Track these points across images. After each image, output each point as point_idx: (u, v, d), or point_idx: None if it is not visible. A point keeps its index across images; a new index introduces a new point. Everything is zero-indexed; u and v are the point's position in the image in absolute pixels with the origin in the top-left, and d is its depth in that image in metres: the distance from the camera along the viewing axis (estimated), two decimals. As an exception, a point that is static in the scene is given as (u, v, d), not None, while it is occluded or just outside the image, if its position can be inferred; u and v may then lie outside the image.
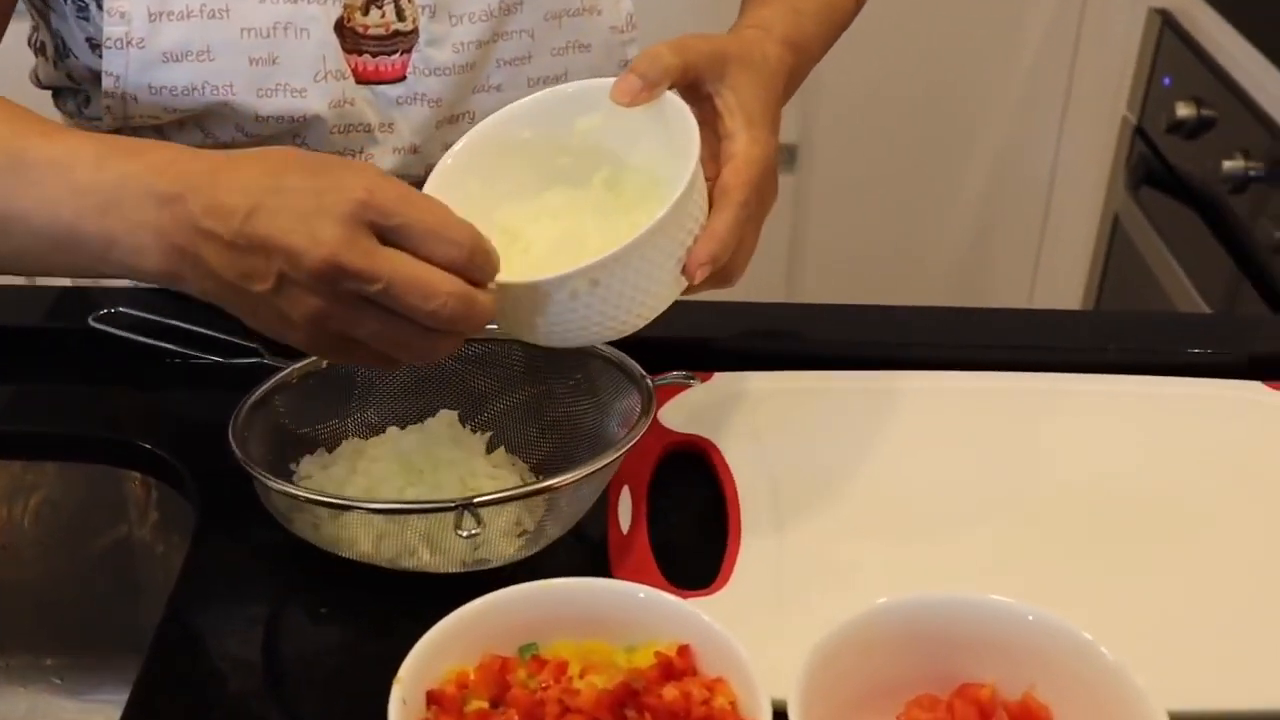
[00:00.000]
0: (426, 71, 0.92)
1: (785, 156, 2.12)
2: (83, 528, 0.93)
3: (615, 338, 0.74)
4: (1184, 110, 1.74)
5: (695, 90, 0.78)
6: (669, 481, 0.85)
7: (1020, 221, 2.25)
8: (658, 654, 0.63)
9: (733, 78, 0.77)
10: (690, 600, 0.69)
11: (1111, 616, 0.74)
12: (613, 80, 0.76)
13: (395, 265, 0.66)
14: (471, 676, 0.63)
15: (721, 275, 0.75)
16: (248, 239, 0.66)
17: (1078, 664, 0.62)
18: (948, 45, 2.10)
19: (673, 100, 0.76)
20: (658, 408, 0.81)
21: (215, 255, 0.67)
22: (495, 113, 0.79)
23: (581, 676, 0.63)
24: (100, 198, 0.69)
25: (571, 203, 0.78)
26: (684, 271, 0.73)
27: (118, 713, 0.71)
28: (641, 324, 0.73)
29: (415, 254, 0.66)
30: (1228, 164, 1.62)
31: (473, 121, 0.93)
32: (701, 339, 0.95)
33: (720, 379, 0.91)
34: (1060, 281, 2.21)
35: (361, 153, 0.92)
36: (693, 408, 0.89)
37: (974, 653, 0.64)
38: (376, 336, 0.67)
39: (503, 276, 0.70)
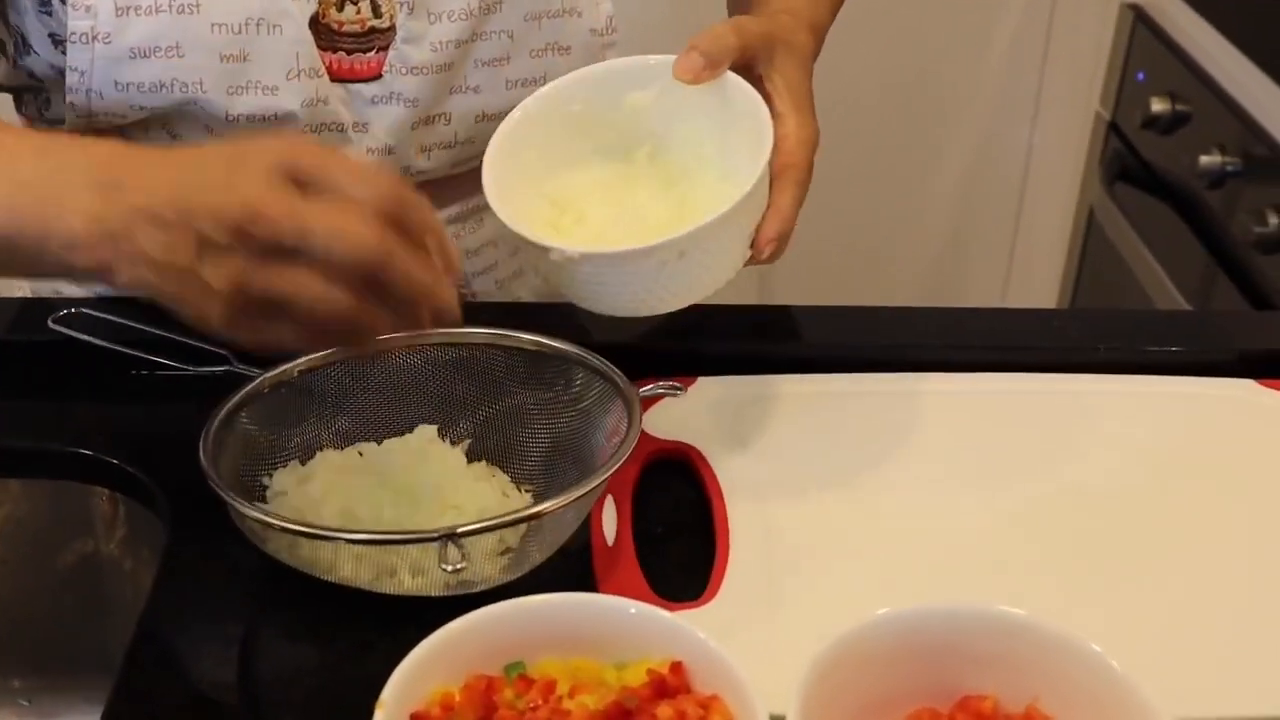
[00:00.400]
0: (403, 70, 0.89)
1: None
2: (48, 544, 0.91)
3: (678, 308, 0.77)
4: (1158, 105, 1.73)
5: (747, 72, 0.79)
6: (653, 490, 0.82)
7: (993, 218, 2.24)
8: (650, 671, 0.61)
9: (780, 61, 0.79)
10: (679, 613, 0.67)
11: (1110, 620, 0.72)
12: (664, 58, 0.79)
13: (315, 212, 0.65)
14: (457, 698, 0.61)
15: (770, 255, 0.78)
16: (174, 208, 0.65)
17: (1082, 675, 0.61)
18: (918, 41, 2.09)
19: (734, 79, 0.78)
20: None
21: (144, 233, 0.66)
22: (550, 83, 0.82)
23: (571, 696, 0.61)
24: (38, 190, 0.68)
25: (617, 177, 0.81)
26: (753, 246, 0.76)
27: (87, 736, 0.69)
28: (704, 296, 0.77)
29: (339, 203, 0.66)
30: (1204, 159, 1.61)
31: (449, 123, 0.91)
32: (683, 343, 0.92)
33: (703, 384, 0.89)
34: (1035, 278, 2.20)
35: None
36: (676, 414, 0.86)
37: (975, 664, 0.62)
38: (300, 293, 0.66)
39: (583, 246, 0.73)
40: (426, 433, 0.80)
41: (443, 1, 0.89)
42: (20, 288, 1.09)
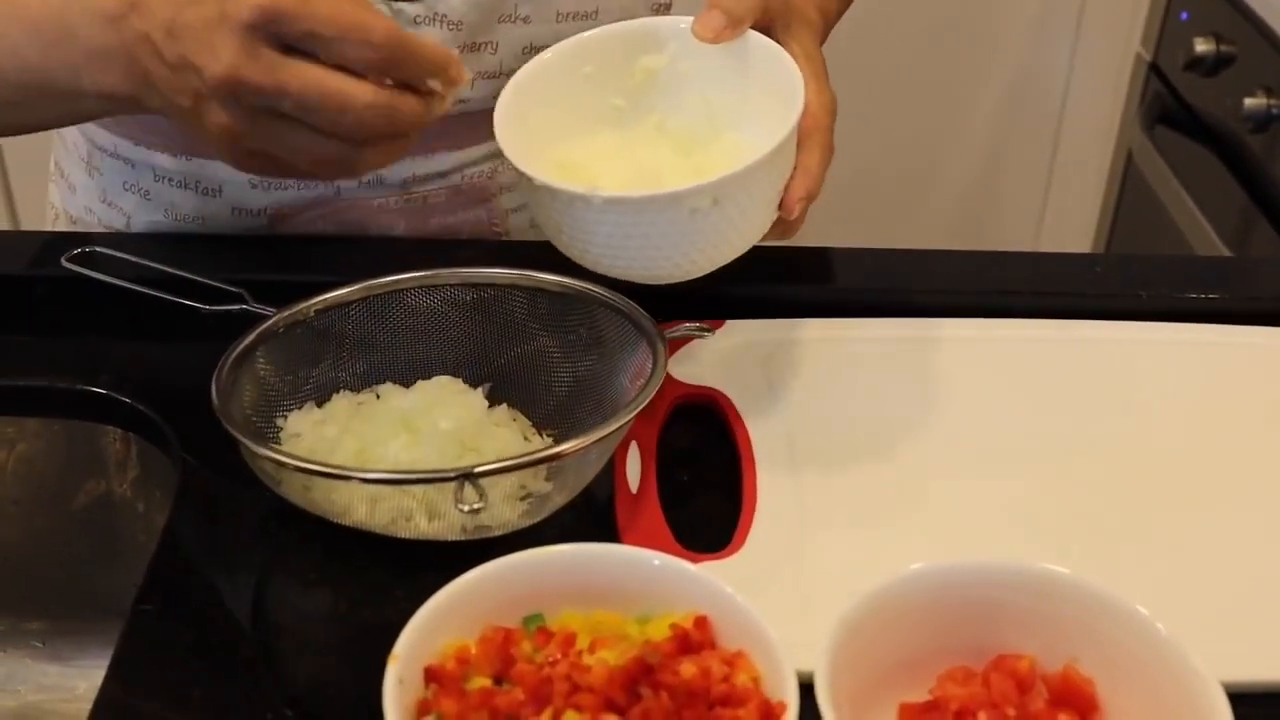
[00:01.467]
0: None
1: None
2: (61, 486, 0.89)
3: (702, 273, 0.74)
4: (1202, 46, 1.69)
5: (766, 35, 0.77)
6: (678, 436, 0.80)
7: (1028, 160, 2.20)
8: (673, 626, 0.59)
9: (796, 29, 0.77)
10: (704, 565, 0.64)
11: (1150, 578, 0.70)
12: (679, 19, 0.76)
13: (304, 78, 0.63)
14: (473, 651, 0.58)
15: (791, 225, 0.76)
16: (171, 53, 0.65)
17: (1125, 636, 0.58)
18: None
19: (757, 37, 0.75)
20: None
21: (155, 69, 0.66)
22: (561, 42, 0.78)
23: (591, 651, 0.58)
24: (54, 29, 0.69)
25: (627, 143, 0.78)
26: (781, 206, 0.73)
27: (101, 677, 0.68)
28: (729, 258, 0.74)
29: (328, 60, 0.64)
30: (1249, 102, 1.57)
31: (495, 53, 0.88)
32: (710, 284, 0.90)
33: (732, 327, 0.86)
34: (1069, 221, 2.16)
35: None
36: (703, 358, 0.84)
37: (1012, 623, 0.60)
38: (297, 153, 0.66)
39: (611, 190, 0.69)
40: (446, 376, 0.78)
41: None
42: (55, 218, 1.07)
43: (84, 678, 0.91)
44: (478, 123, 0.93)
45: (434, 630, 0.58)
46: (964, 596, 0.60)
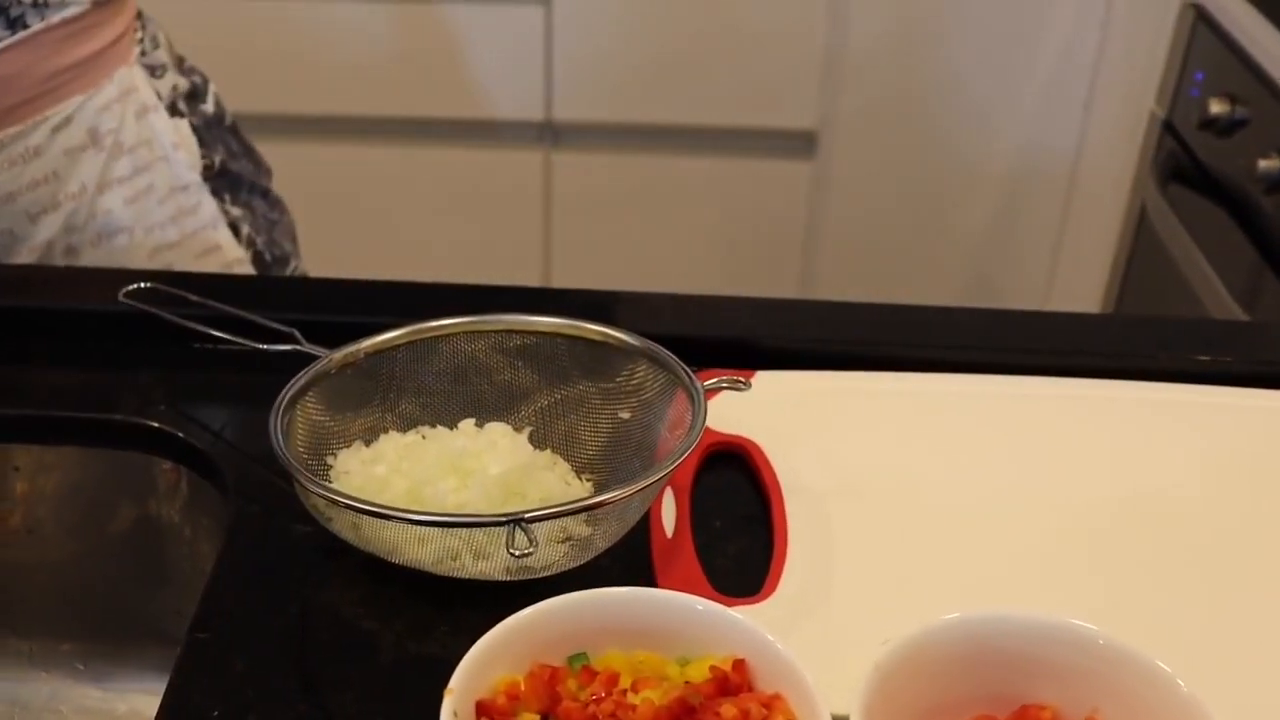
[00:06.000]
0: None
1: (804, 144, 2.10)
2: (107, 509, 0.91)
3: None
4: (1217, 107, 1.72)
5: None
6: (711, 483, 0.83)
7: (1041, 214, 2.22)
8: (713, 668, 0.62)
9: None
10: (737, 609, 0.67)
11: (1170, 637, 0.72)
12: None
13: None
14: (522, 687, 0.61)
15: None
16: None
17: (1143, 689, 0.61)
18: (969, 33, 2.08)
19: None
20: (703, 409, 0.80)
21: None
22: None
23: (635, 690, 0.61)
24: None
25: None
26: None
27: (141, 700, 0.70)
28: None
29: None
30: (1263, 163, 1.60)
31: None
32: (742, 336, 0.93)
33: (763, 378, 0.89)
34: (1081, 276, 2.19)
35: None
36: (735, 407, 0.87)
37: (1038, 675, 0.63)
38: None
39: None
40: (497, 423, 0.80)
41: None
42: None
43: (124, 700, 0.93)
44: None
45: (487, 665, 0.61)
46: (992, 647, 0.63)
